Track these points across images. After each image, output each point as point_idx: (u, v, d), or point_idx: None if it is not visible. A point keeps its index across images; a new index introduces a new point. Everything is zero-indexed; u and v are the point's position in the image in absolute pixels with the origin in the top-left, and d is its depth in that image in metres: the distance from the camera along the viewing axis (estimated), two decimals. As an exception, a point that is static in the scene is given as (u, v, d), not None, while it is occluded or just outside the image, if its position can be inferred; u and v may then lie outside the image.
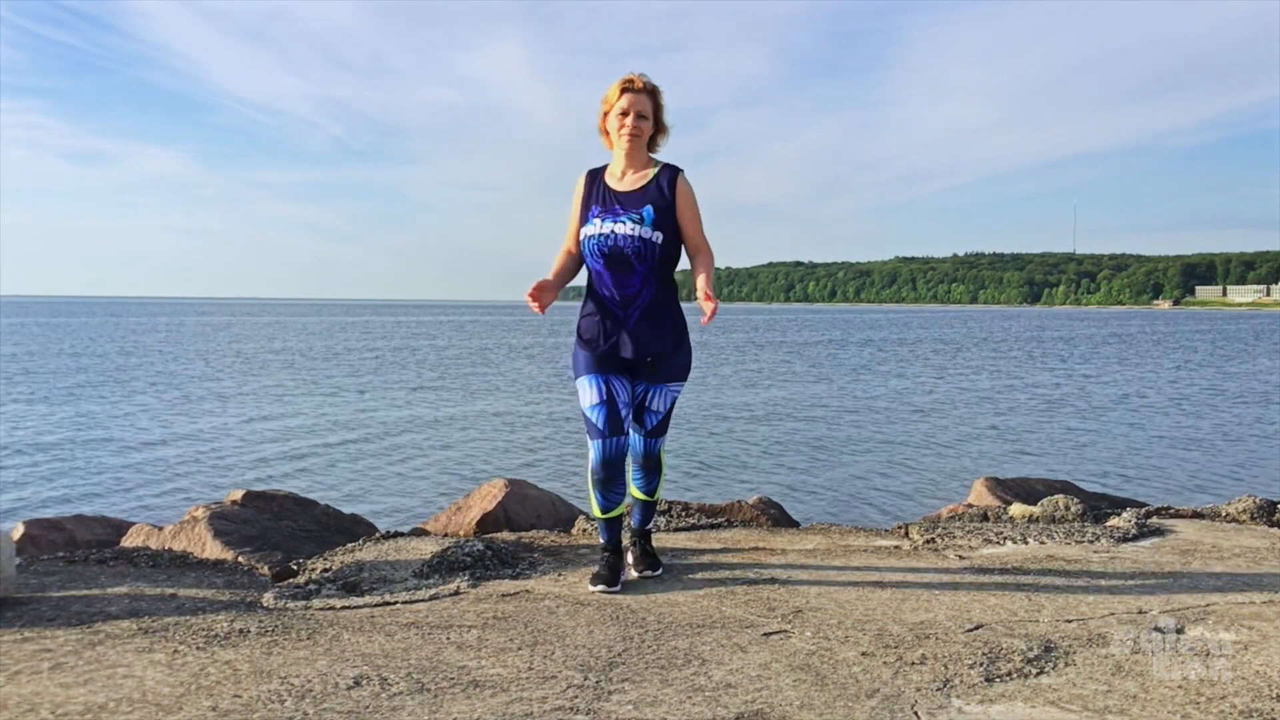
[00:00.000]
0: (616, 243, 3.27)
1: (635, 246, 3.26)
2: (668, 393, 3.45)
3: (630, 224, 3.28)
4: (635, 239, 3.26)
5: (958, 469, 12.47)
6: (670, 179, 3.35)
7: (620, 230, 3.27)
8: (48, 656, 2.61)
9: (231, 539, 4.07)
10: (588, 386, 3.35)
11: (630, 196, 3.33)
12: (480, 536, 4.33)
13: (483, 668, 2.57)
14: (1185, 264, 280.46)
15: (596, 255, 3.30)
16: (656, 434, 3.47)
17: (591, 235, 3.31)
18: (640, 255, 3.27)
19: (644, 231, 3.27)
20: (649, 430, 3.46)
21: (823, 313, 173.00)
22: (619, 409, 3.33)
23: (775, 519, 4.83)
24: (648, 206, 3.30)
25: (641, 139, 3.33)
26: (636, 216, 3.29)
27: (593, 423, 3.33)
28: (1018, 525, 4.54)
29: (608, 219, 3.31)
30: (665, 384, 3.43)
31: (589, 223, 3.34)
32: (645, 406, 3.43)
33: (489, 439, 15.27)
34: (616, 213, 3.31)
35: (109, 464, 12.50)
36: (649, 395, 3.43)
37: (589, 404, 3.34)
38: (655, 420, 3.45)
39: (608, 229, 3.29)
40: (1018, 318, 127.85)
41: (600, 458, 3.32)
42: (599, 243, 3.29)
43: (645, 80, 3.33)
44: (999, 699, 2.37)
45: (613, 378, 3.36)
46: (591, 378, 3.36)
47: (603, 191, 3.37)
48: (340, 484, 11.43)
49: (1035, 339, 56.16)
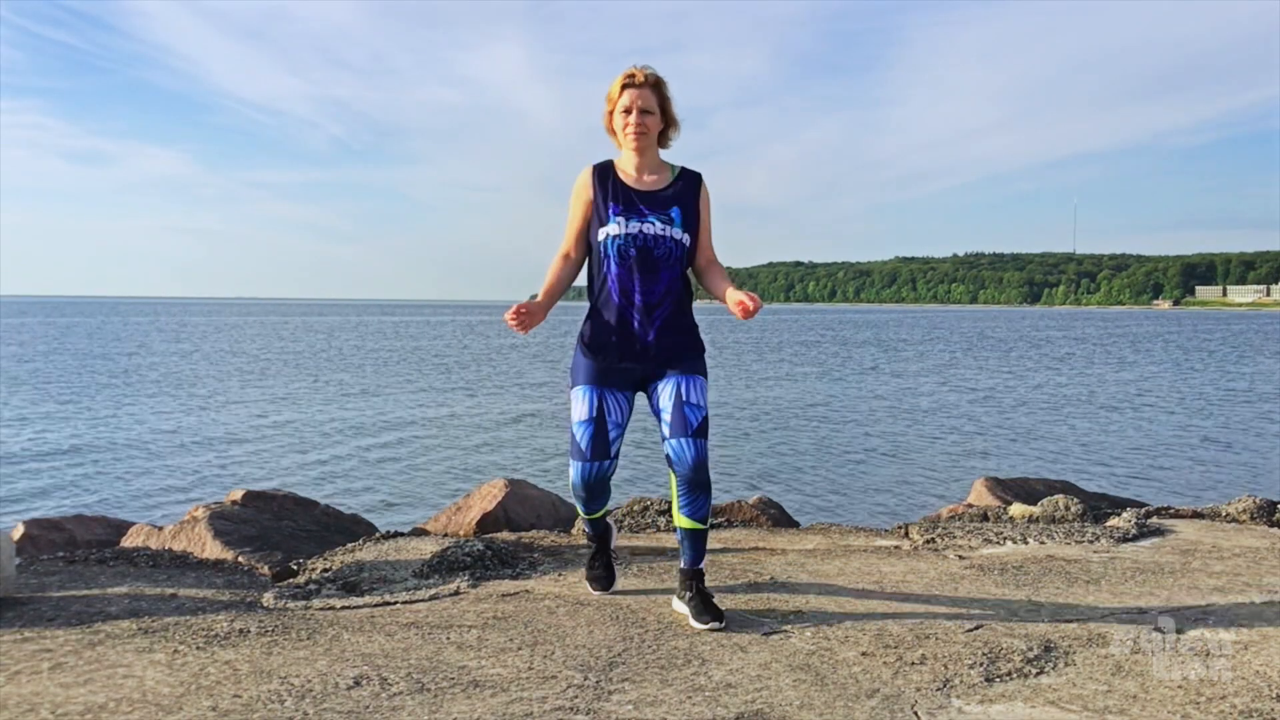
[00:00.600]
0: (646, 243, 3.03)
1: (667, 248, 3.04)
2: (701, 384, 3.09)
3: (660, 224, 3.05)
4: (667, 240, 3.04)
5: (958, 469, 12.47)
6: (695, 183, 3.15)
7: (649, 231, 3.03)
8: (48, 656, 2.61)
9: (231, 539, 4.07)
10: (580, 399, 3.08)
11: (654, 196, 3.10)
12: (480, 536, 4.33)
13: (483, 668, 2.57)
14: (1185, 264, 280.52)
15: (622, 257, 3.04)
16: (702, 434, 3.01)
17: (616, 235, 3.03)
18: (670, 258, 3.05)
19: (675, 233, 3.05)
20: (695, 429, 3.00)
21: (823, 313, 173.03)
22: (607, 430, 3.06)
23: (775, 519, 4.83)
24: (675, 208, 3.09)
25: (649, 136, 3.07)
26: (665, 217, 3.06)
27: (576, 442, 3.06)
28: (1018, 525, 4.54)
29: (634, 219, 3.04)
30: (695, 376, 3.09)
31: (610, 222, 3.05)
32: (684, 401, 3.02)
33: (489, 439, 15.27)
34: (643, 212, 3.06)
35: (109, 464, 12.50)
36: (683, 387, 3.05)
37: (576, 419, 3.07)
38: (699, 416, 3.02)
39: (635, 229, 3.03)
40: (1017, 318, 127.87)
41: (579, 480, 3.08)
42: (626, 243, 3.02)
43: (649, 73, 3.06)
44: (999, 699, 2.37)
45: (609, 393, 3.09)
46: (587, 389, 3.08)
47: (621, 189, 3.10)
48: (340, 484, 11.44)
49: (1035, 339, 56.16)
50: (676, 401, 3.03)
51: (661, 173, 3.16)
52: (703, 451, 3.00)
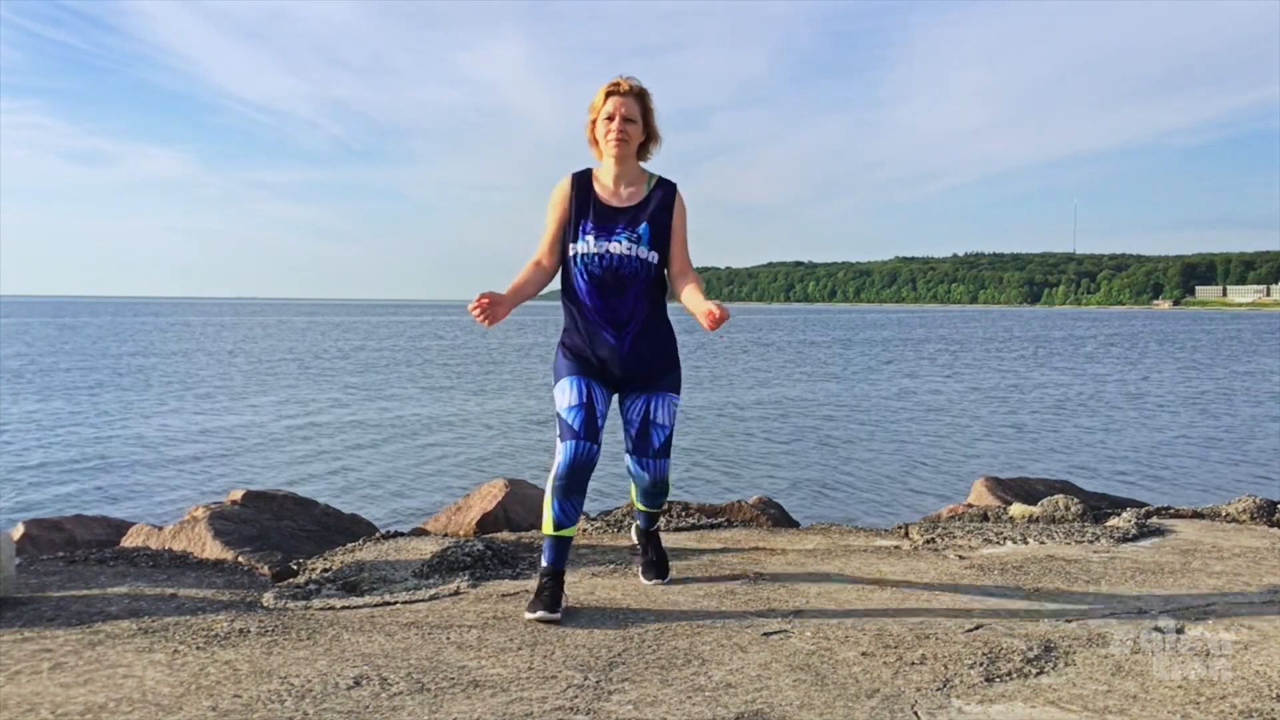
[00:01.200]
0: (611, 263, 3.07)
1: (632, 268, 3.08)
2: (670, 402, 3.19)
3: (626, 243, 3.08)
4: (632, 259, 3.08)
5: (958, 469, 12.46)
6: (668, 194, 3.17)
7: (615, 250, 3.07)
8: (48, 656, 2.62)
9: (231, 539, 4.07)
10: (568, 388, 3.10)
11: (625, 212, 3.13)
12: (480, 536, 4.33)
13: (483, 668, 2.57)
14: (1185, 264, 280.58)
15: (587, 276, 3.10)
16: (664, 454, 3.17)
17: (584, 254, 3.09)
18: (635, 276, 3.09)
19: (640, 251, 3.09)
20: (657, 449, 3.15)
21: (822, 313, 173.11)
22: (597, 417, 3.08)
23: (775, 519, 4.83)
24: (644, 224, 3.11)
25: (630, 144, 3.10)
26: (633, 235, 3.09)
27: (568, 423, 3.04)
28: (1018, 525, 4.54)
29: (602, 237, 3.09)
30: (665, 393, 3.18)
31: (580, 240, 3.10)
32: (650, 421, 3.14)
33: (489, 439, 15.27)
34: (612, 230, 3.10)
35: (109, 464, 12.50)
36: (651, 406, 3.15)
37: (566, 405, 3.07)
38: (663, 436, 3.16)
39: (601, 248, 3.07)
40: (1017, 318, 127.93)
41: (569, 460, 3.00)
42: (591, 262, 3.08)
43: (632, 82, 3.11)
44: (999, 699, 2.38)
45: (595, 385, 3.12)
46: (573, 379, 3.11)
47: (594, 205, 3.13)
48: (340, 484, 11.43)
49: (1035, 339, 56.17)
50: (643, 420, 3.16)
51: (639, 184, 3.19)
52: (663, 470, 3.21)
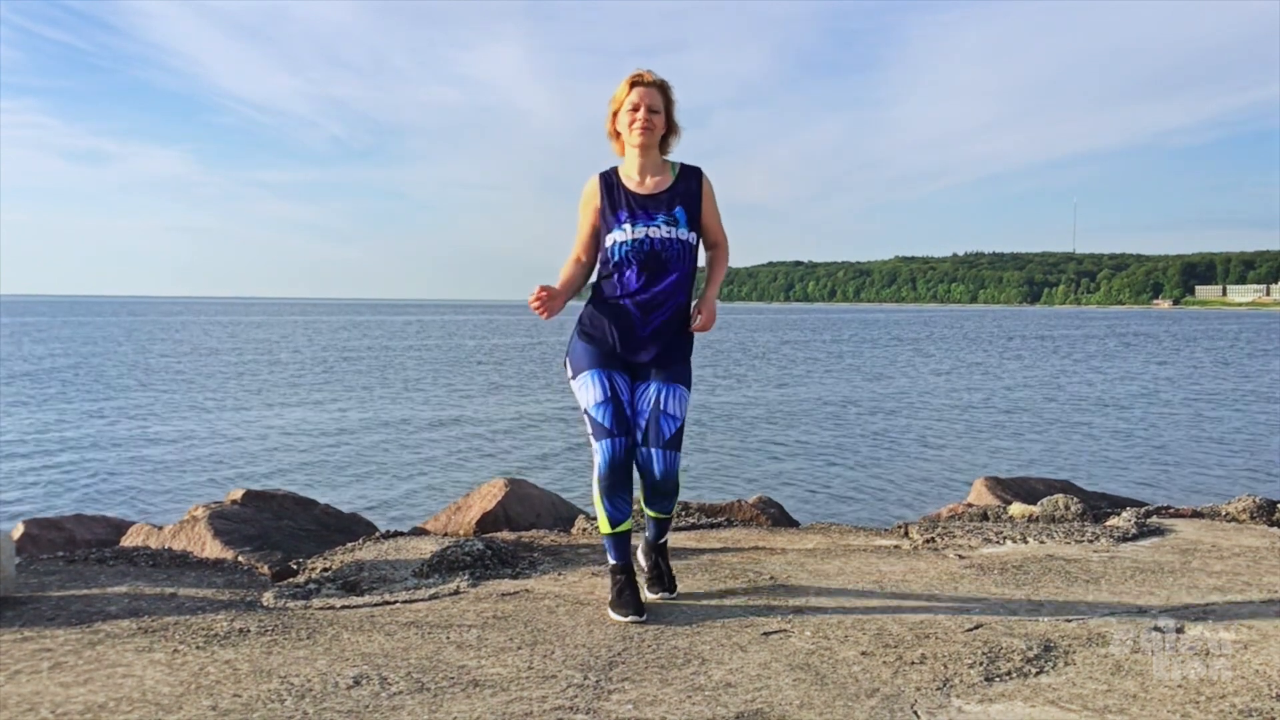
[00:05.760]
0: (654, 247, 3.12)
1: (675, 249, 3.14)
2: (680, 395, 3.17)
3: (665, 227, 3.14)
4: (674, 241, 3.14)
5: (958, 469, 12.47)
6: (696, 178, 3.25)
7: (656, 234, 3.13)
8: (48, 656, 2.62)
9: (231, 538, 4.07)
10: (591, 383, 3.12)
11: (657, 199, 3.19)
12: (480, 536, 4.33)
13: (483, 667, 2.57)
14: (1185, 263, 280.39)
15: (630, 261, 3.13)
16: (674, 446, 3.12)
17: (624, 241, 3.12)
18: (679, 258, 3.15)
19: (681, 233, 3.15)
20: (668, 440, 3.10)
21: (822, 312, 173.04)
22: (624, 407, 3.10)
23: (775, 518, 4.84)
24: (679, 208, 3.18)
25: (654, 134, 3.16)
26: (670, 219, 3.16)
27: (599, 422, 3.06)
28: (1018, 525, 4.54)
29: (640, 223, 3.14)
30: (675, 385, 3.17)
31: (618, 228, 3.15)
32: (661, 410, 3.10)
33: (489, 439, 15.27)
34: (648, 216, 3.15)
35: (109, 464, 12.50)
36: (662, 396, 3.12)
37: (593, 402, 3.09)
38: (674, 427, 3.11)
39: (642, 233, 3.12)
40: (1017, 317, 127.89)
41: (608, 459, 3.03)
42: (634, 248, 3.11)
43: (655, 75, 3.19)
44: (999, 698, 2.37)
45: (615, 374, 3.15)
46: (594, 374, 3.13)
47: (626, 196, 3.19)
48: (340, 484, 11.43)
49: (1034, 338, 56.16)
50: (654, 410, 3.12)
51: (663, 174, 3.26)
52: (673, 463, 3.12)
